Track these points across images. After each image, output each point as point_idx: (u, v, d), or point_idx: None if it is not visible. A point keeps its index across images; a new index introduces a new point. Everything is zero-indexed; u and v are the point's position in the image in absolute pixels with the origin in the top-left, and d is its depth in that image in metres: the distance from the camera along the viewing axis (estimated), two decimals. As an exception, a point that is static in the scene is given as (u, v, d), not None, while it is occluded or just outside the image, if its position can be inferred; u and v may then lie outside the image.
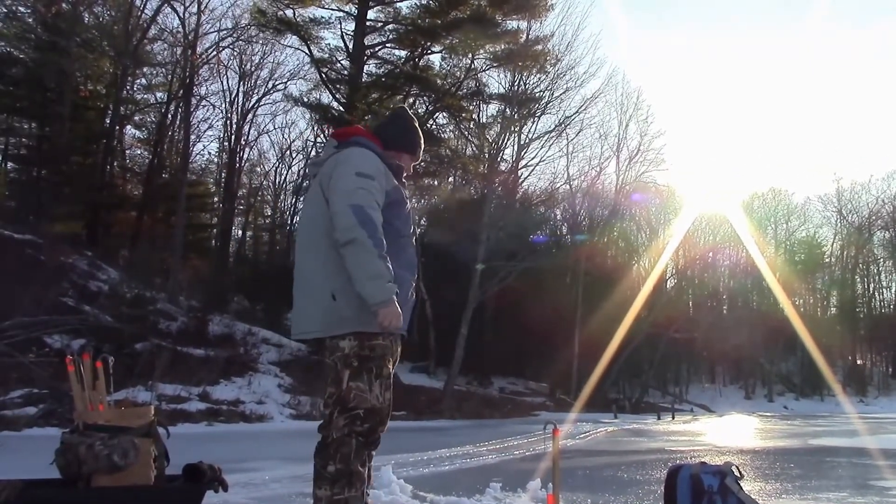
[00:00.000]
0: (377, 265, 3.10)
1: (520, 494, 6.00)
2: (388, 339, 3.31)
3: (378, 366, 3.28)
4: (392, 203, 3.35)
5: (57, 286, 19.18)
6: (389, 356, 3.33)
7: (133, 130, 34.00)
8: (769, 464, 9.94)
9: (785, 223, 58.36)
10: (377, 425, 3.28)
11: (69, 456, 3.46)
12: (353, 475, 3.24)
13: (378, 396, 3.28)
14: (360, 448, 3.27)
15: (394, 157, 3.54)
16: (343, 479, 3.23)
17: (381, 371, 3.29)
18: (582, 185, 38.71)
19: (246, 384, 19.37)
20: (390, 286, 3.12)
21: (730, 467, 4.00)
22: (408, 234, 3.44)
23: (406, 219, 3.45)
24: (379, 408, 3.28)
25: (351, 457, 3.24)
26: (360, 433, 3.25)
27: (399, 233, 3.38)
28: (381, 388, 3.28)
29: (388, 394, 3.31)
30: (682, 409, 41.14)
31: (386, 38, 30.14)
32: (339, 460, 3.23)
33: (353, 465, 3.25)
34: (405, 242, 3.41)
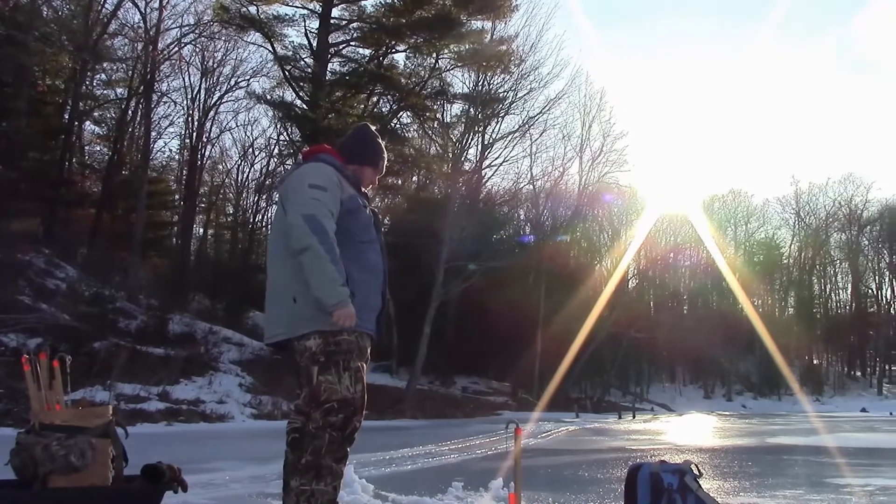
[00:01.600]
0: (329, 270, 3.23)
1: (482, 494, 6.00)
2: (353, 334, 3.38)
3: (345, 359, 3.36)
4: (349, 211, 3.49)
5: (13, 284, 18.88)
6: (356, 351, 3.39)
7: (92, 126, 33.59)
8: (728, 462, 10.06)
9: (744, 224, 59.23)
10: (351, 415, 3.34)
11: (24, 456, 3.41)
12: (322, 468, 3.28)
13: (349, 387, 3.34)
14: (333, 443, 3.30)
15: (356, 170, 3.69)
16: (312, 471, 3.27)
17: (349, 364, 3.36)
18: (545, 185, 38.91)
19: (206, 384, 19.21)
20: (342, 289, 3.24)
21: (689, 466, 4.04)
22: (367, 240, 3.55)
23: (365, 225, 3.57)
24: (350, 398, 3.34)
25: (322, 450, 3.29)
26: (335, 425, 3.31)
27: (357, 238, 3.50)
28: (351, 380, 3.35)
29: (359, 386, 3.37)
30: (642, 408, 41.53)
31: (350, 36, 30.04)
32: (311, 452, 3.28)
33: (325, 458, 3.29)
34: (364, 247, 3.52)
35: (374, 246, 3.57)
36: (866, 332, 62.84)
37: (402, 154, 31.78)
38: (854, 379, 62.37)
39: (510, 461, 4.69)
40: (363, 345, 3.44)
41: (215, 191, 40.97)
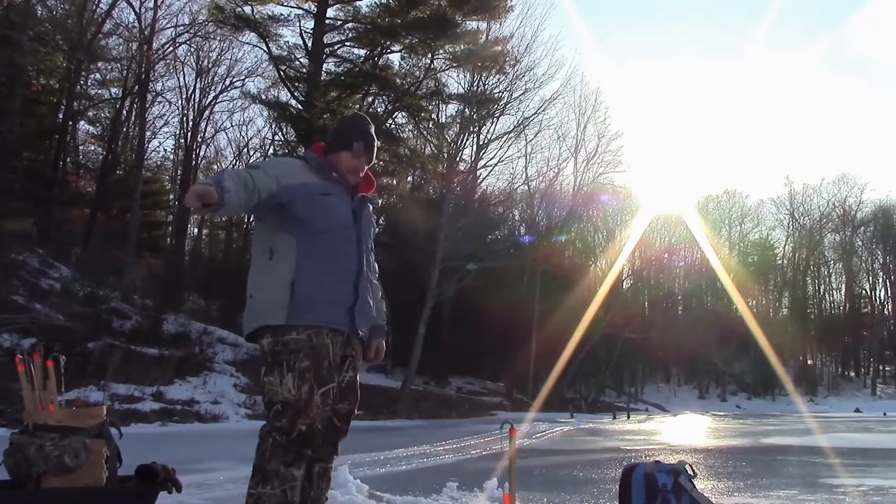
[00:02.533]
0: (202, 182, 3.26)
1: (476, 494, 6.01)
2: (305, 332, 3.28)
3: (290, 360, 3.26)
4: (302, 197, 3.39)
5: (7, 284, 18.85)
6: (306, 350, 3.27)
7: (87, 126, 33.52)
8: (722, 462, 10.08)
9: (739, 225, 59.32)
10: (294, 418, 3.22)
11: (18, 457, 3.40)
12: (267, 473, 3.23)
13: (290, 389, 3.23)
14: (279, 447, 3.23)
15: (332, 159, 3.60)
16: (258, 476, 3.24)
17: (294, 365, 3.25)
18: (540, 185, 38.94)
19: (201, 384, 19.18)
20: (207, 180, 3.20)
21: (683, 466, 4.04)
22: (327, 229, 3.42)
23: (325, 213, 3.43)
24: (293, 401, 3.23)
25: (266, 454, 3.24)
26: (280, 429, 3.23)
27: (313, 226, 3.40)
28: (295, 382, 3.24)
29: (305, 387, 3.23)
30: (637, 408, 41.58)
31: (345, 36, 30.03)
32: (257, 456, 3.27)
33: (270, 462, 3.23)
34: (323, 237, 3.40)
35: (337, 235, 3.43)
36: (860, 332, 62.98)
37: (397, 154, 31.77)
38: (848, 379, 62.50)
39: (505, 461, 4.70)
40: (320, 342, 3.30)
41: (210, 191, 40.82)
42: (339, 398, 3.39)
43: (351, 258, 3.45)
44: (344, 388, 3.41)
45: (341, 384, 3.39)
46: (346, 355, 3.42)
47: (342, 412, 3.42)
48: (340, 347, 3.38)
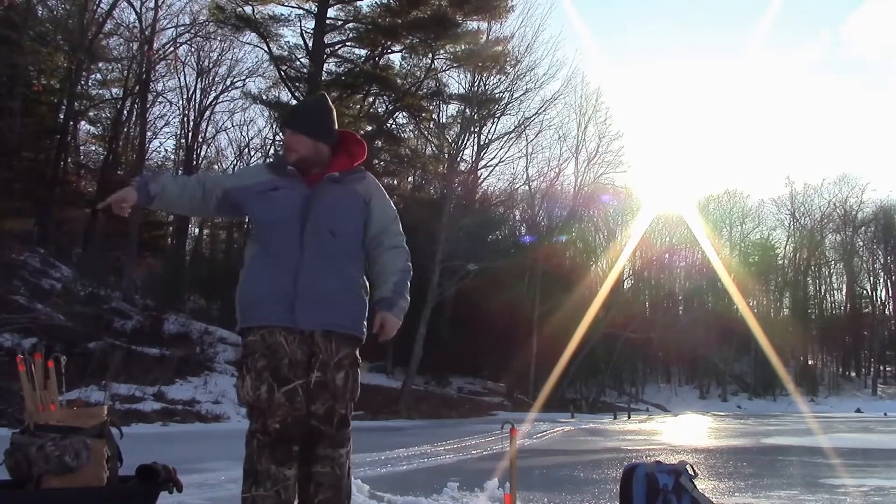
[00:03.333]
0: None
1: (477, 494, 6.01)
2: (258, 333, 3.28)
3: (249, 361, 3.27)
4: (255, 196, 3.44)
5: (7, 284, 18.85)
6: (262, 350, 3.26)
7: (87, 126, 33.55)
8: (723, 462, 10.08)
9: (740, 225, 59.27)
10: (262, 418, 3.22)
11: (19, 457, 3.40)
12: (258, 474, 3.21)
13: (249, 391, 3.24)
14: (264, 447, 3.22)
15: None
16: (250, 478, 3.23)
17: (254, 365, 3.25)
18: (541, 186, 38.97)
19: (202, 384, 19.19)
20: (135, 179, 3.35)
21: (684, 466, 4.04)
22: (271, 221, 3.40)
23: (267, 209, 3.41)
24: (252, 402, 3.24)
25: (253, 456, 3.23)
26: (256, 430, 3.25)
27: (260, 222, 3.45)
28: (256, 381, 3.23)
29: (263, 386, 3.21)
30: (637, 408, 41.58)
31: (346, 36, 30.00)
32: (246, 459, 3.26)
33: (260, 463, 3.22)
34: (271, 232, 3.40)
35: (278, 229, 3.36)
36: (861, 332, 62.92)
37: (397, 154, 31.83)
38: (849, 379, 62.47)
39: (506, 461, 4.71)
40: (274, 341, 3.25)
41: (211, 191, 40.86)
42: (312, 399, 3.28)
43: (291, 251, 3.33)
44: (314, 388, 3.28)
45: (310, 385, 3.28)
46: (311, 353, 3.30)
47: (318, 413, 3.28)
48: (301, 345, 3.28)
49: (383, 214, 3.53)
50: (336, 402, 3.29)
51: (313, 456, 3.31)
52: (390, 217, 3.56)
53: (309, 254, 3.31)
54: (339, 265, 3.37)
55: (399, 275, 3.47)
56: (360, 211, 3.48)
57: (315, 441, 3.30)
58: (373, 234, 3.49)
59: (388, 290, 3.43)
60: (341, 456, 3.36)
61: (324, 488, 3.32)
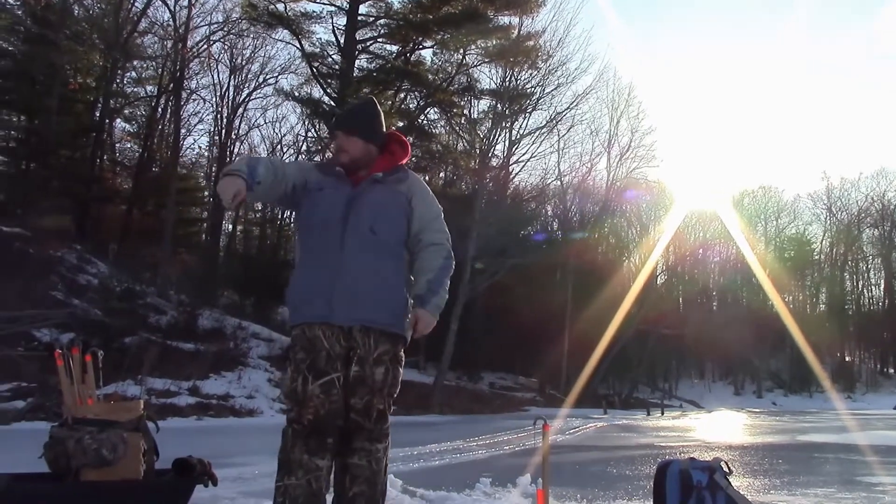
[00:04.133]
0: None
1: (509, 489, 6.00)
2: (299, 328, 3.41)
3: (291, 354, 3.41)
4: (305, 193, 3.56)
5: (45, 280, 19.13)
6: (302, 343, 3.37)
7: (123, 124, 33.89)
8: (758, 459, 9.98)
9: (775, 220, 58.66)
10: (297, 408, 3.32)
11: (58, 450, 3.45)
12: (291, 463, 3.30)
13: (290, 382, 3.37)
14: (298, 436, 3.31)
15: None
16: (284, 467, 3.33)
17: (295, 357, 3.38)
18: (573, 181, 38.80)
19: (236, 379, 19.34)
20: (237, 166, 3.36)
21: (718, 463, 4.01)
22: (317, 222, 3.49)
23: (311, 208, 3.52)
24: (290, 392, 3.35)
25: (288, 445, 3.33)
26: (292, 420, 3.35)
27: (307, 220, 3.54)
28: (294, 373, 3.35)
29: (300, 378, 3.32)
30: (671, 405, 41.32)
31: (377, 32, 30.05)
32: (281, 449, 3.35)
33: (293, 453, 3.31)
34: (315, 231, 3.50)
35: (321, 227, 3.46)
36: (899, 328, 61.97)
37: (429, 150, 31.81)
38: (887, 376, 61.55)
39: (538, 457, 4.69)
40: (313, 335, 3.36)
41: (244, 187, 41.12)
42: (350, 393, 3.37)
43: (332, 249, 3.41)
44: (352, 383, 3.37)
45: (348, 379, 3.37)
46: (349, 347, 3.39)
47: (357, 407, 3.37)
48: (340, 340, 3.37)
49: (425, 212, 3.58)
50: (374, 396, 3.37)
51: (350, 448, 3.39)
52: (432, 215, 3.60)
53: (348, 252, 3.38)
54: (378, 263, 3.43)
55: (435, 272, 3.51)
56: (403, 210, 3.54)
57: (352, 434, 3.39)
58: (414, 233, 3.54)
59: (423, 287, 3.49)
60: (378, 450, 3.44)
61: (359, 481, 3.39)
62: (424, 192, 3.64)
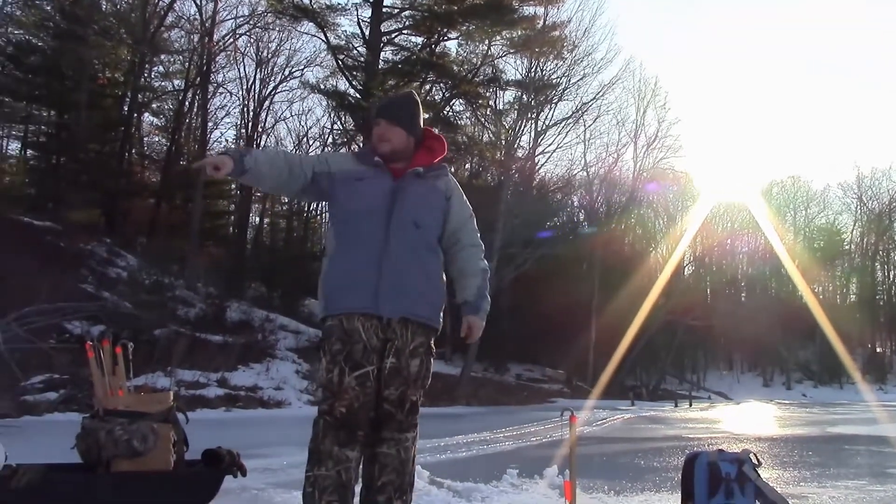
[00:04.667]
0: None
1: (536, 481, 6.00)
2: (335, 319, 3.38)
3: (327, 345, 3.38)
4: (340, 182, 3.53)
5: (76, 273, 19.35)
6: (338, 334, 3.36)
7: (150, 118, 34.07)
8: (787, 451, 9.90)
9: (804, 210, 57.96)
10: (332, 400, 3.32)
11: (90, 441, 3.49)
12: (321, 454, 3.31)
13: (323, 373, 3.37)
14: (329, 428, 3.32)
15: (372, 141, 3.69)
16: (313, 457, 3.34)
17: (330, 349, 3.36)
18: (599, 171, 38.63)
19: (264, 370, 19.47)
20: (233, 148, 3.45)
21: (747, 455, 3.99)
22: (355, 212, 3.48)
23: (351, 198, 3.50)
24: (326, 383, 3.35)
25: (318, 436, 3.34)
26: (324, 411, 3.35)
27: (344, 207, 3.51)
28: (329, 364, 3.35)
29: (336, 370, 3.32)
30: (699, 396, 41.03)
31: (402, 24, 30.04)
32: (311, 439, 3.36)
33: (323, 444, 3.32)
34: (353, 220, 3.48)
35: (364, 218, 3.45)
36: (932, 319, 61.08)
37: (454, 142, 31.74)
38: (919, 367, 60.75)
39: (565, 449, 4.69)
40: (351, 327, 3.34)
41: (271, 180, 41.36)
42: (385, 384, 3.38)
43: (376, 240, 3.41)
44: (388, 374, 3.39)
45: (384, 370, 3.38)
46: (387, 339, 3.39)
47: (391, 398, 3.39)
48: (378, 332, 3.38)
49: (461, 211, 3.64)
50: (409, 388, 3.41)
51: (379, 438, 3.42)
52: (467, 215, 3.66)
53: (393, 243, 3.41)
54: (420, 256, 3.47)
55: (480, 275, 3.62)
56: (441, 207, 3.59)
57: (383, 423, 3.41)
58: (451, 231, 3.59)
59: (473, 293, 3.59)
60: (407, 440, 3.47)
61: (388, 470, 3.43)
62: (460, 192, 3.70)
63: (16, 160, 30.29)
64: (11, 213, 21.45)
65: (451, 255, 3.59)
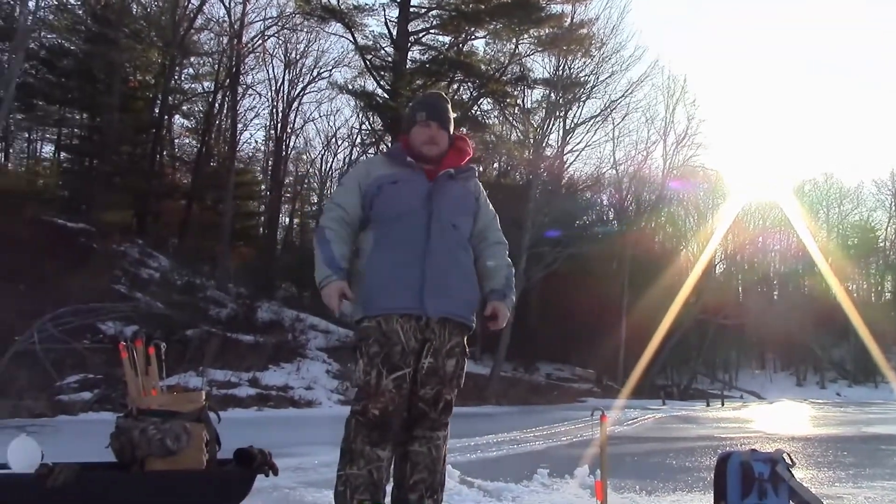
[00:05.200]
0: (316, 254, 3.44)
1: (567, 481, 5.98)
2: (373, 320, 3.37)
3: (364, 346, 3.38)
4: (375, 193, 3.51)
5: (109, 274, 19.58)
6: (376, 336, 3.35)
7: (181, 120, 34.40)
8: (822, 451, 9.78)
9: (837, 207, 57.21)
10: (367, 402, 3.33)
11: (123, 440, 3.53)
12: (354, 453, 3.33)
13: (360, 375, 3.37)
14: (362, 428, 3.34)
15: (406, 140, 3.67)
16: (346, 456, 3.36)
17: (368, 350, 3.36)
18: (628, 169, 38.42)
19: (294, 370, 19.58)
20: (323, 269, 3.39)
21: (781, 455, 3.94)
22: (396, 215, 3.47)
23: (389, 202, 3.49)
24: (363, 385, 3.35)
25: (350, 435, 3.36)
26: (358, 412, 3.36)
27: (383, 216, 3.49)
28: (367, 366, 3.35)
29: (373, 372, 3.32)
30: (731, 395, 40.71)
31: (430, 23, 30.07)
32: (343, 438, 3.39)
33: (355, 443, 3.34)
34: (392, 224, 3.46)
35: (404, 220, 3.46)
36: (970, 317, 60.07)
37: (483, 141, 31.75)
38: (955, 366, 59.77)
39: (595, 448, 4.67)
40: (390, 328, 3.34)
41: (300, 180, 41.65)
42: (421, 384, 3.40)
43: (418, 240, 3.42)
44: (424, 374, 3.41)
45: (420, 370, 3.40)
46: (425, 339, 3.41)
47: (426, 397, 3.42)
48: (416, 332, 3.38)
49: (488, 212, 3.72)
50: (444, 387, 3.45)
51: (411, 436, 3.44)
52: (492, 214, 3.74)
53: (435, 244, 3.43)
54: (458, 256, 3.52)
55: (508, 269, 3.69)
56: (472, 207, 3.66)
57: (415, 422, 3.42)
58: (479, 230, 3.66)
59: (501, 283, 3.64)
60: (438, 438, 3.50)
61: (419, 468, 3.45)
62: (485, 193, 3.77)
63: (50, 163, 30.76)
64: (46, 215, 21.75)
65: (478, 252, 3.63)
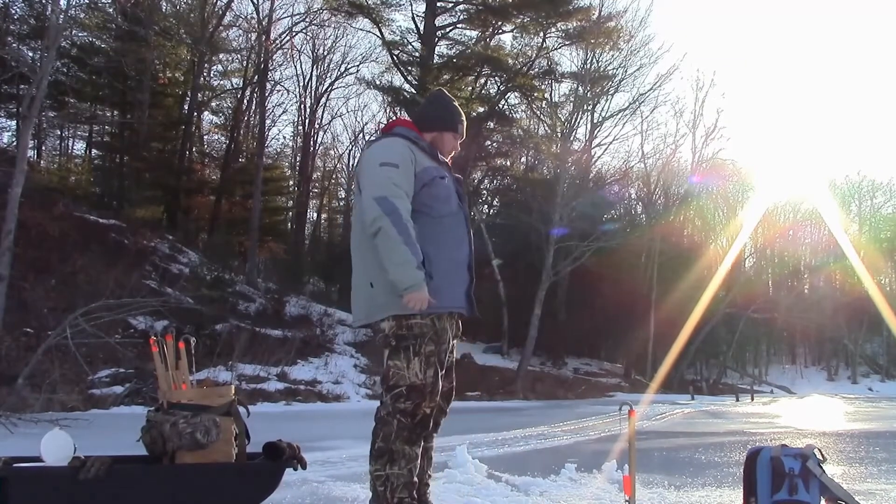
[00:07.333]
0: (401, 252, 3.18)
1: (595, 475, 5.97)
2: (428, 318, 3.33)
3: (416, 344, 3.33)
4: (424, 185, 3.41)
5: (140, 269, 19.76)
6: (430, 335, 3.33)
7: (210, 116, 34.71)
8: (853, 447, 9.68)
9: (869, 199, 56.40)
10: (420, 401, 3.31)
11: (154, 433, 3.57)
12: (394, 453, 3.32)
13: (417, 373, 3.32)
14: (404, 429, 3.32)
15: (434, 138, 3.61)
16: (385, 457, 3.34)
17: (420, 349, 3.32)
18: (657, 163, 38.17)
19: (322, 364, 19.68)
20: (415, 272, 3.19)
21: (812, 450, 3.91)
22: (447, 213, 3.45)
23: (443, 198, 3.46)
24: (420, 385, 3.31)
25: (392, 436, 3.33)
26: (403, 411, 3.31)
27: (435, 212, 3.42)
28: (421, 365, 3.31)
29: (430, 371, 3.31)
30: (761, 390, 40.35)
31: (457, 18, 30.03)
32: (382, 438, 3.35)
33: (395, 444, 3.32)
34: (444, 221, 3.44)
35: (455, 218, 3.47)
36: None
37: (510, 135, 31.70)
38: None
39: (623, 443, 4.65)
40: (442, 326, 3.36)
41: (328, 176, 41.89)
42: (447, 380, 3.46)
43: (465, 241, 3.48)
44: (448, 370, 3.46)
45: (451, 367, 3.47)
46: (454, 337, 3.47)
47: (444, 391, 3.46)
48: (455, 329, 3.43)
49: None
50: (453, 381, 3.43)
51: (430, 434, 3.44)
52: None
53: (470, 245, 3.52)
54: None
55: None
56: None
57: (435, 420, 3.42)
58: None
59: None
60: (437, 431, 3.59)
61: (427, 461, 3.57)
62: None
63: (81, 160, 31.17)
64: (77, 211, 22.02)
65: None
